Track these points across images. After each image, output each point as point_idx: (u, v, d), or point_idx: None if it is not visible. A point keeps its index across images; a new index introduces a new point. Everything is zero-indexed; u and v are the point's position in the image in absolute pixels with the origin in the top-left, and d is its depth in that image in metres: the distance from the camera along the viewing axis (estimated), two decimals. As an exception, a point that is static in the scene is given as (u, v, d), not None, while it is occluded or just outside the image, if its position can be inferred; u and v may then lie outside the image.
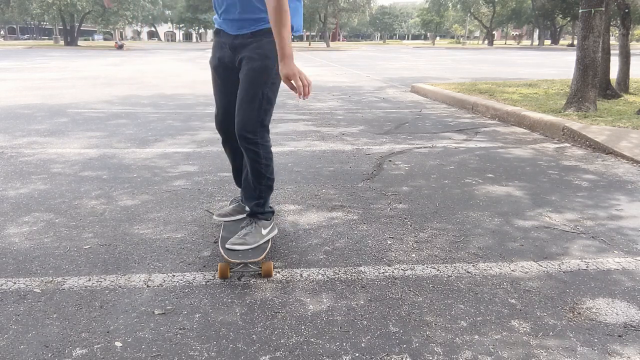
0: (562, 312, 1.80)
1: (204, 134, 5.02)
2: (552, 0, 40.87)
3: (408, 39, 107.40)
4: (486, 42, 61.45)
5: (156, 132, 5.14)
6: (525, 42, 68.97)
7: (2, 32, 73.49)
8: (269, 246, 2.18)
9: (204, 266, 2.14)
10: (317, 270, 2.10)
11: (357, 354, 1.55)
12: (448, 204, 2.98)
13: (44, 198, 3.00)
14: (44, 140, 4.67)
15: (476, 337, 1.65)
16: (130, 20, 46.10)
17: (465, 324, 1.72)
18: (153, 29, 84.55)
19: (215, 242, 2.37)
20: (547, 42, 57.53)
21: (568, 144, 4.70)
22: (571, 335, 1.66)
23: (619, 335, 1.66)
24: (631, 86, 7.94)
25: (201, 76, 11.91)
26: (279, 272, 2.08)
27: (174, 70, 14.47)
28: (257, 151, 2.11)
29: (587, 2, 5.78)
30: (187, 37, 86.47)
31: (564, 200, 3.05)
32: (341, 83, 10.94)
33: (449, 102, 7.57)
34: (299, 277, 2.05)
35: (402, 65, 17.70)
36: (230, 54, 2.14)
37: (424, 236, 2.49)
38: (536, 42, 61.70)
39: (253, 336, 1.64)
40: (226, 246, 2.12)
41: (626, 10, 7.38)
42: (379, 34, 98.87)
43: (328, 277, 2.05)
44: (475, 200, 3.04)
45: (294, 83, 1.92)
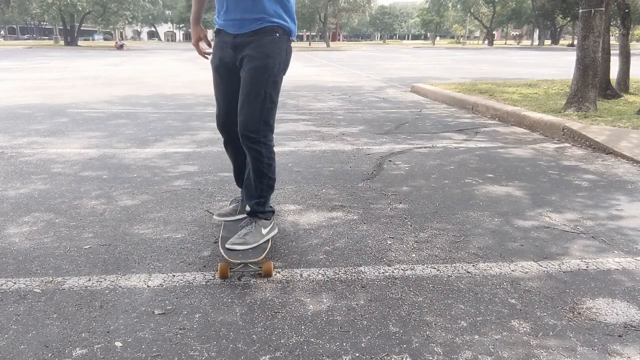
0: (562, 312, 1.80)
1: (204, 134, 5.02)
2: (552, 0, 40.85)
3: (408, 39, 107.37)
4: (486, 42, 61.46)
5: (156, 132, 5.14)
6: (525, 42, 68.97)
7: (2, 32, 73.48)
8: (269, 246, 2.18)
9: (204, 266, 2.14)
10: (317, 270, 2.10)
11: (357, 354, 1.55)
12: (448, 204, 2.98)
13: (44, 198, 3.00)
14: (44, 140, 4.67)
15: (476, 337, 1.65)
16: (130, 20, 46.12)
17: (465, 324, 1.72)
18: (153, 29, 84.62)
19: (215, 242, 2.37)
20: (547, 42, 57.52)
21: (568, 144, 4.70)
22: (571, 335, 1.66)
23: (619, 335, 1.66)
24: (631, 86, 7.94)
25: (201, 76, 11.91)
26: (279, 272, 2.08)
27: (174, 70, 14.47)
28: (260, 150, 2.12)
29: (587, 2, 5.78)
30: (188, 37, 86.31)
31: (564, 200, 3.05)
32: (341, 83, 10.94)
33: (449, 102, 7.57)
34: (299, 277, 2.05)
35: (402, 65, 17.70)
36: (232, 53, 2.14)
37: (424, 236, 2.49)
38: (536, 42, 61.70)
39: (253, 336, 1.64)
40: (226, 246, 2.12)
41: (626, 10, 7.38)
42: (379, 34, 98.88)
43: (328, 277, 2.05)
44: (475, 200, 3.05)
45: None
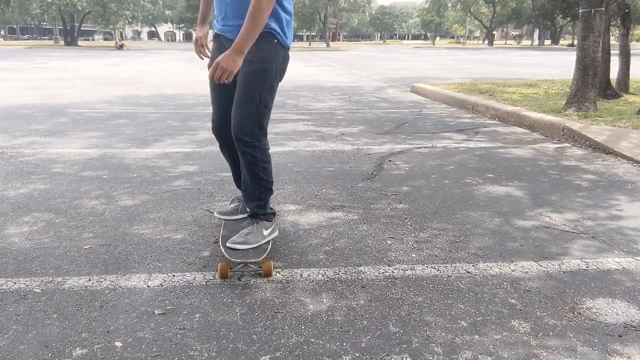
0: (562, 312, 1.80)
1: (204, 134, 5.02)
2: (552, 0, 40.87)
3: (408, 39, 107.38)
4: (486, 42, 61.46)
5: (156, 132, 5.14)
6: (526, 42, 68.98)
7: (2, 32, 73.49)
8: (270, 247, 2.18)
9: (204, 266, 2.14)
10: (317, 270, 2.10)
11: (357, 354, 1.55)
12: (448, 204, 2.98)
13: (44, 198, 3.00)
14: (44, 140, 4.67)
15: (476, 337, 1.65)
16: (130, 20, 46.14)
17: (465, 324, 1.72)
18: (153, 29, 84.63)
19: (215, 242, 2.37)
20: (547, 42, 57.53)
21: (568, 144, 4.70)
22: (571, 335, 1.66)
23: (619, 335, 1.66)
24: (631, 86, 7.94)
25: (201, 76, 11.91)
26: (279, 272, 2.09)
27: (174, 70, 14.47)
28: (255, 154, 2.10)
29: (587, 2, 5.78)
30: (187, 37, 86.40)
31: (564, 200, 3.05)
32: (341, 83, 10.94)
33: (449, 102, 7.57)
34: (299, 277, 2.05)
35: (402, 65, 17.70)
36: None
37: (424, 236, 2.49)
38: (536, 42, 61.71)
39: (253, 336, 1.64)
40: (227, 245, 2.12)
41: (626, 10, 7.38)
42: (379, 34, 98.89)
43: (328, 277, 2.05)
44: (475, 200, 3.05)
45: (218, 71, 1.91)
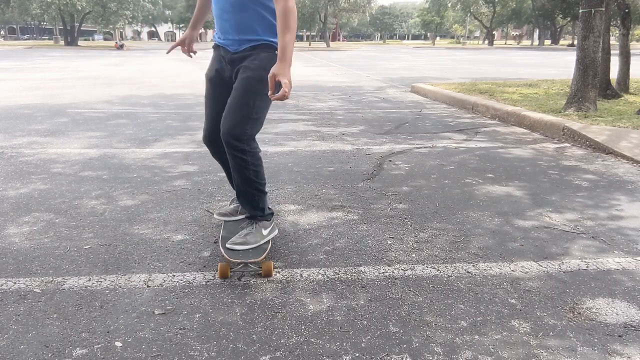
0: (562, 312, 1.80)
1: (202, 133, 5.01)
2: (552, 0, 40.86)
3: (408, 39, 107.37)
4: (486, 42, 61.46)
5: (156, 132, 5.14)
6: (526, 42, 68.97)
7: (2, 32, 73.48)
8: (269, 247, 2.18)
9: (204, 266, 2.14)
10: (317, 270, 2.10)
11: (357, 354, 1.55)
12: (448, 204, 2.98)
13: (44, 198, 3.00)
14: (44, 140, 4.67)
15: (476, 337, 1.65)
16: (130, 20, 46.14)
17: (465, 324, 1.72)
18: (153, 29, 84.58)
19: (215, 242, 2.37)
20: (547, 42, 57.52)
21: (568, 144, 4.70)
22: (571, 335, 1.66)
23: (619, 335, 1.66)
24: (631, 86, 7.94)
25: (201, 76, 11.81)
26: (279, 272, 2.08)
27: (174, 70, 14.47)
28: (245, 158, 2.09)
29: (587, 2, 5.78)
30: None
31: (564, 200, 3.05)
32: (341, 83, 10.94)
33: (449, 102, 7.57)
34: (299, 277, 2.05)
35: (402, 65, 17.70)
36: (229, 67, 2.16)
37: (424, 236, 2.49)
38: (536, 42, 61.70)
39: (253, 336, 1.64)
40: (227, 245, 2.12)
41: (626, 10, 7.38)
42: (379, 34, 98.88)
43: (328, 277, 2.05)
44: (476, 200, 3.04)
45: (279, 83, 1.87)
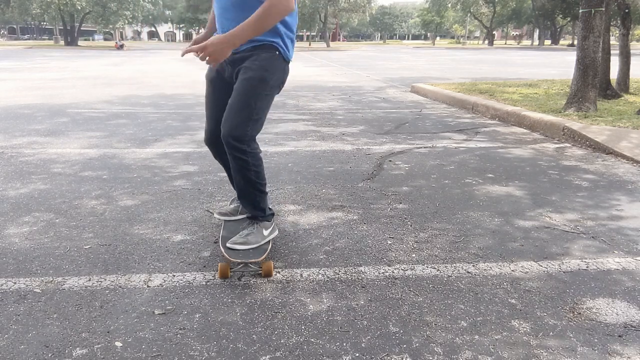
0: (562, 312, 1.80)
1: (203, 134, 5.01)
2: (552, 0, 40.88)
3: (408, 39, 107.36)
4: (486, 42, 61.45)
5: (156, 132, 5.14)
6: (526, 42, 68.98)
7: (2, 32, 73.47)
8: (270, 247, 2.18)
9: (204, 266, 2.14)
10: (317, 270, 2.10)
11: (357, 354, 1.55)
12: (448, 204, 2.98)
13: (44, 198, 3.00)
14: (44, 140, 4.67)
15: (476, 337, 1.65)
16: (130, 20, 46.12)
17: (465, 324, 1.72)
18: (153, 29, 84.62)
19: (215, 242, 2.37)
20: (547, 42, 57.52)
21: (568, 144, 4.70)
22: (571, 335, 1.66)
23: (619, 336, 1.66)
24: (631, 86, 7.94)
25: (201, 76, 11.84)
26: (279, 272, 2.08)
27: (174, 70, 14.47)
28: (246, 159, 2.08)
29: (587, 2, 5.78)
30: (188, 37, 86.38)
31: (564, 200, 3.05)
32: (341, 83, 10.94)
33: (449, 102, 7.57)
34: (299, 277, 2.05)
35: (402, 65, 17.70)
36: (230, 68, 2.16)
37: (424, 236, 2.49)
38: (536, 42, 61.71)
39: (253, 336, 1.64)
40: (227, 245, 2.12)
41: (626, 10, 7.38)
42: (379, 34, 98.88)
43: (328, 277, 2.05)
44: (476, 200, 3.04)
45: (204, 53, 1.86)
